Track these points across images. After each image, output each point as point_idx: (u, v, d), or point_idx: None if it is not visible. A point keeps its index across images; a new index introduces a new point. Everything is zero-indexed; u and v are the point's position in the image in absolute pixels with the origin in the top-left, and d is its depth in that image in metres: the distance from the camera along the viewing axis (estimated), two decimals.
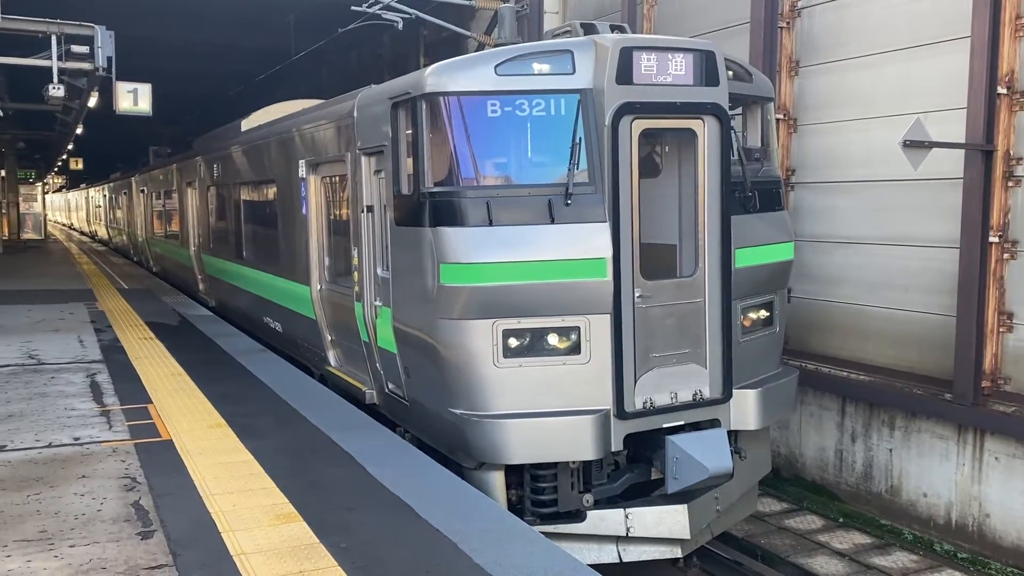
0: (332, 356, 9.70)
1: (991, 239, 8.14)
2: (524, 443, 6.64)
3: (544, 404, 6.70)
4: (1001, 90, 8.04)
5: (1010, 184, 8.15)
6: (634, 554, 7.21)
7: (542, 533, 5.50)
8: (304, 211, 10.10)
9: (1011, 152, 8.14)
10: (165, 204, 20.89)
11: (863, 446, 9.54)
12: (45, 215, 49.33)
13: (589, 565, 4.94)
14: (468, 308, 6.64)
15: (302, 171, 10.11)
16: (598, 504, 7.08)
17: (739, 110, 7.94)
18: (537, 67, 6.75)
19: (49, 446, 7.17)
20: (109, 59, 12.76)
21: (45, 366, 10.42)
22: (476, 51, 13.50)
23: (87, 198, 48.20)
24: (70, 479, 6.34)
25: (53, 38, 12.60)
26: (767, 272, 7.60)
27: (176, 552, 5.01)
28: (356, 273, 8.49)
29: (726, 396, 7.17)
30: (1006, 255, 8.18)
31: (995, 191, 8.14)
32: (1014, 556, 8.11)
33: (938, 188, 8.71)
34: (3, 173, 37.25)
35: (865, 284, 9.55)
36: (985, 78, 7.98)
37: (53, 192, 75.43)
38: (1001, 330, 8.26)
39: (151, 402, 8.59)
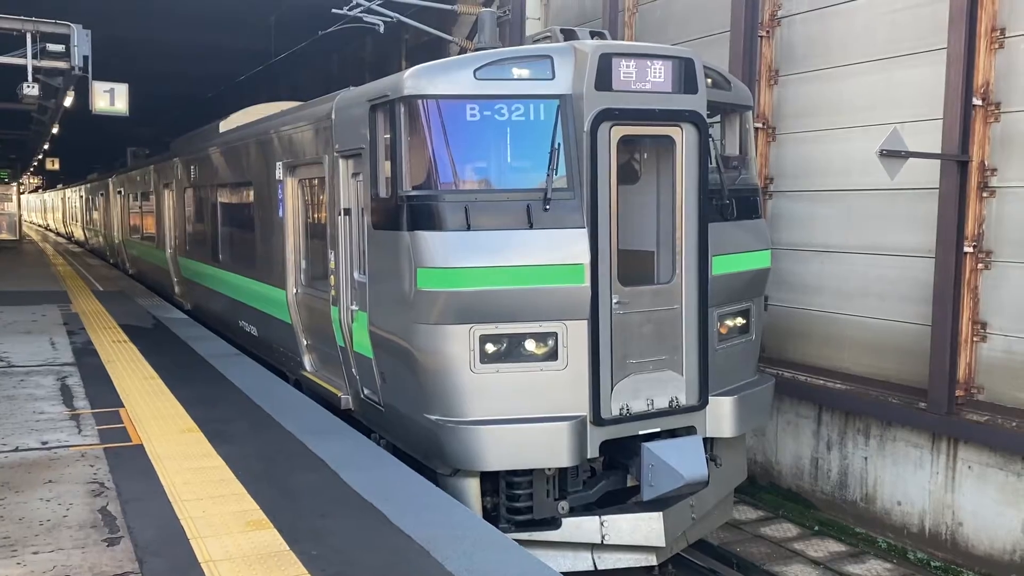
0: (307, 361, 9.61)
1: (966, 249, 8.20)
2: (500, 449, 6.60)
3: (520, 410, 6.66)
4: (976, 101, 8.12)
5: (985, 195, 8.23)
6: (609, 562, 7.18)
7: (517, 541, 5.45)
8: (281, 214, 10.02)
9: (986, 163, 8.21)
10: (142, 206, 20.69)
11: (839, 454, 9.57)
12: (20, 216, 48.75)
13: (564, 573, 4.91)
14: (445, 313, 6.59)
15: (279, 173, 10.02)
16: (573, 511, 7.05)
17: (718, 118, 7.95)
18: (516, 72, 6.73)
19: (16, 450, 7.04)
20: (85, 58, 12.59)
21: (15, 368, 10.24)
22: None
23: (63, 199, 47.69)
24: (36, 484, 6.22)
25: (28, 36, 12.41)
26: (744, 279, 7.61)
27: (143, 559, 4.92)
28: (332, 277, 8.41)
29: (702, 403, 7.16)
30: (980, 265, 8.25)
31: (970, 201, 8.21)
32: (986, 564, 8.15)
33: (914, 198, 8.77)
34: None
35: (842, 293, 9.60)
36: (961, 89, 8.05)
37: (29, 192, 74.59)
38: (975, 339, 8.32)
39: (122, 406, 8.46)
